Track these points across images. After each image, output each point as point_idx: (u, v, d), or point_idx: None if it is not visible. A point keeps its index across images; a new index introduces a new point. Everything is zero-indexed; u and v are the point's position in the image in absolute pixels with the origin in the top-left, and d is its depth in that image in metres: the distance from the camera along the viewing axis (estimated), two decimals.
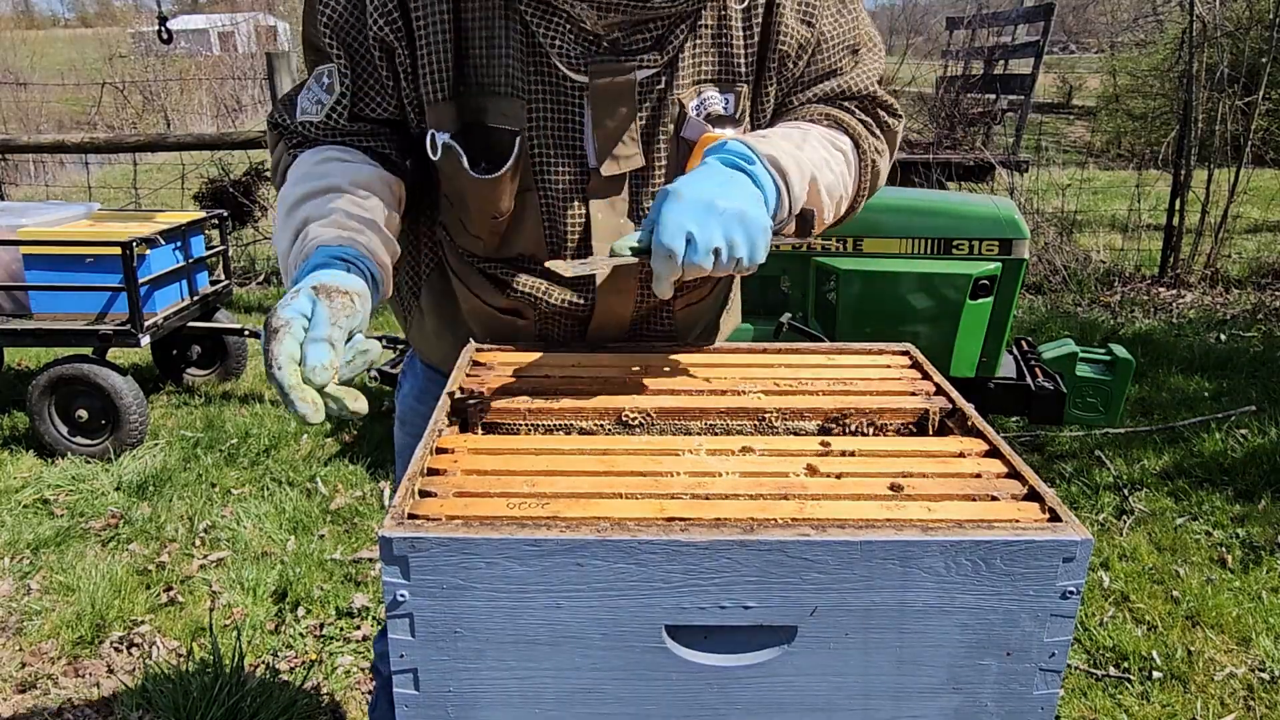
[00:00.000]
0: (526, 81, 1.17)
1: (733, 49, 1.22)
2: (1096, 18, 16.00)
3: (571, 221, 1.25)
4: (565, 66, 1.15)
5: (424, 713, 0.87)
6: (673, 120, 1.22)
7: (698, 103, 1.22)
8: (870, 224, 3.18)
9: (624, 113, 1.19)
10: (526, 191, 1.24)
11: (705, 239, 1.02)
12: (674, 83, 1.20)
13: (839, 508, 0.87)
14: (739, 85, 1.24)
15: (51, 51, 19.52)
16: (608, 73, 1.15)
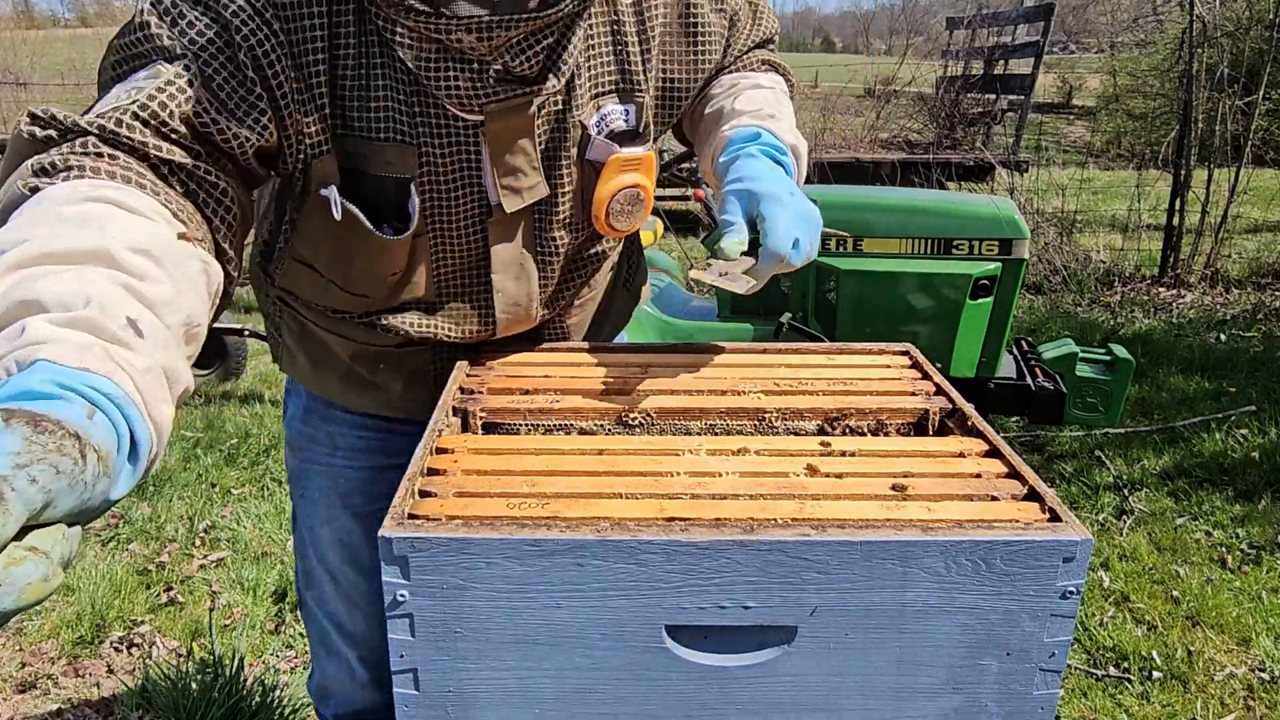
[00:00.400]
0: (413, 126, 1.07)
1: (629, 56, 1.17)
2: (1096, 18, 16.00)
3: (467, 260, 1.19)
4: (457, 108, 1.06)
5: (424, 713, 0.87)
6: (575, 143, 1.16)
7: (598, 119, 1.17)
8: (870, 224, 3.18)
9: (523, 145, 1.11)
10: (417, 237, 1.14)
11: (807, 243, 1.08)
12: (572, 103, 1.13)
13: (839, 508, 0.87)
14: (638, 94, 1.19)
15: (51, 51, 19.52)
16: (502, 108, 1.06)
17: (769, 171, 1.11)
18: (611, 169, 1.17)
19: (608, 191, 1.17)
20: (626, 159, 1.17)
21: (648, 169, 1.20)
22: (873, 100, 11.48)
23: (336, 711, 1.51)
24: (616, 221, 1.19)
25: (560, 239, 1.22)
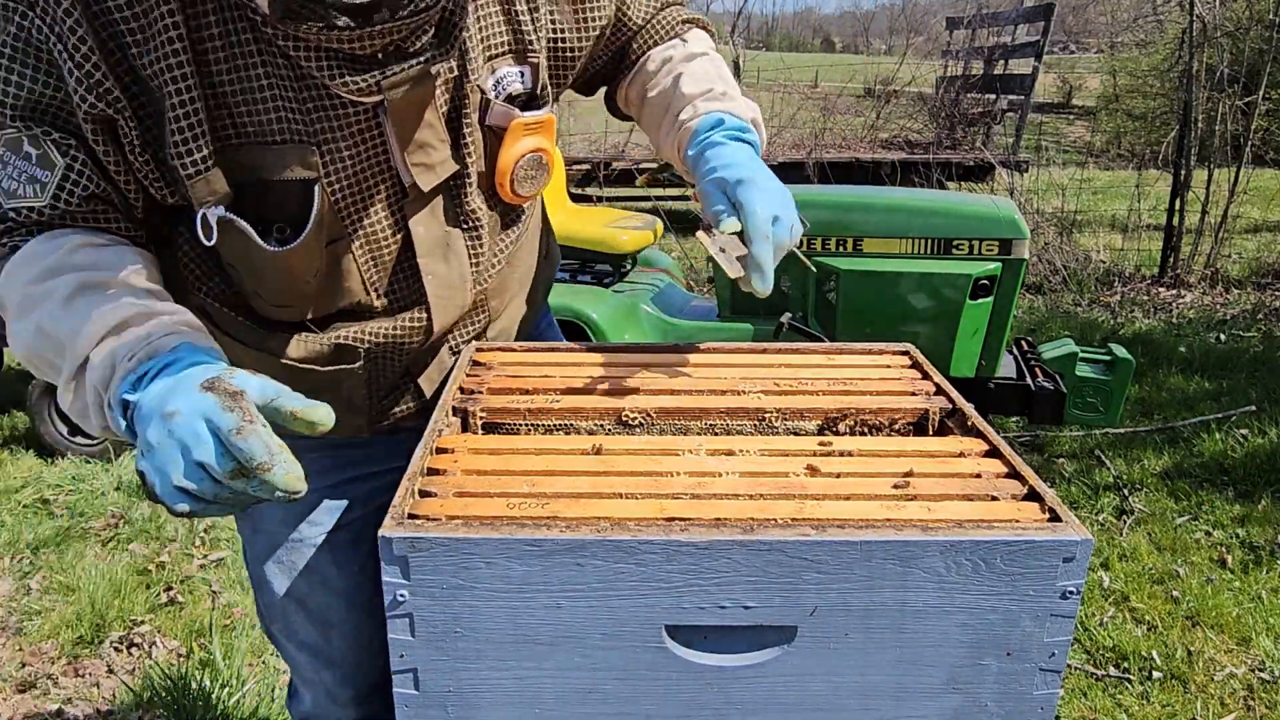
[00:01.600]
0: (309, 123, 1.02)
1: (518, 16, 1.15)
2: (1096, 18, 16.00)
3: (394, 249, 1.15)
4: (349, 92, 0.99)
5: (424, 713, 0.87)
6: (474, 109, 1.13)
7: (494, 83, 1.14)
8: (870, 224, 3.18)
9: (428, 118, 1.08)
10: (336, 241, 1.09)
11: (788, 219, 1.10)
12: (467, 68, 1.10)
13: (839, 508, 0.87)
14: (531, 55, 1.17)
15: None
16: (401, 84, 1.01)
17: (738, 155, 1.13)
18: (514, 134, 1.16)
19: (511, 157, 1.17)
20: (528, 122, 1.17)
21: (548, 131, 1.20)
22: (873, 100, 11.48)
23: None
24: (521, 187, 1.20)
25: (479, 210, 1.19)
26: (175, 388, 0.83)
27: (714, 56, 1.32)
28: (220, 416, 0.79)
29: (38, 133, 0.96)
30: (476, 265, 1.22)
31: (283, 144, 1.01)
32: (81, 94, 0.94)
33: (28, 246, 0.99)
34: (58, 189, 0.98)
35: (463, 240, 1.19)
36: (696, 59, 1.29)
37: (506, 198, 1.20)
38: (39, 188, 0.98)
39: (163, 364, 0.88)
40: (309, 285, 1.11)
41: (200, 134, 0.97)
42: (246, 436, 0.78)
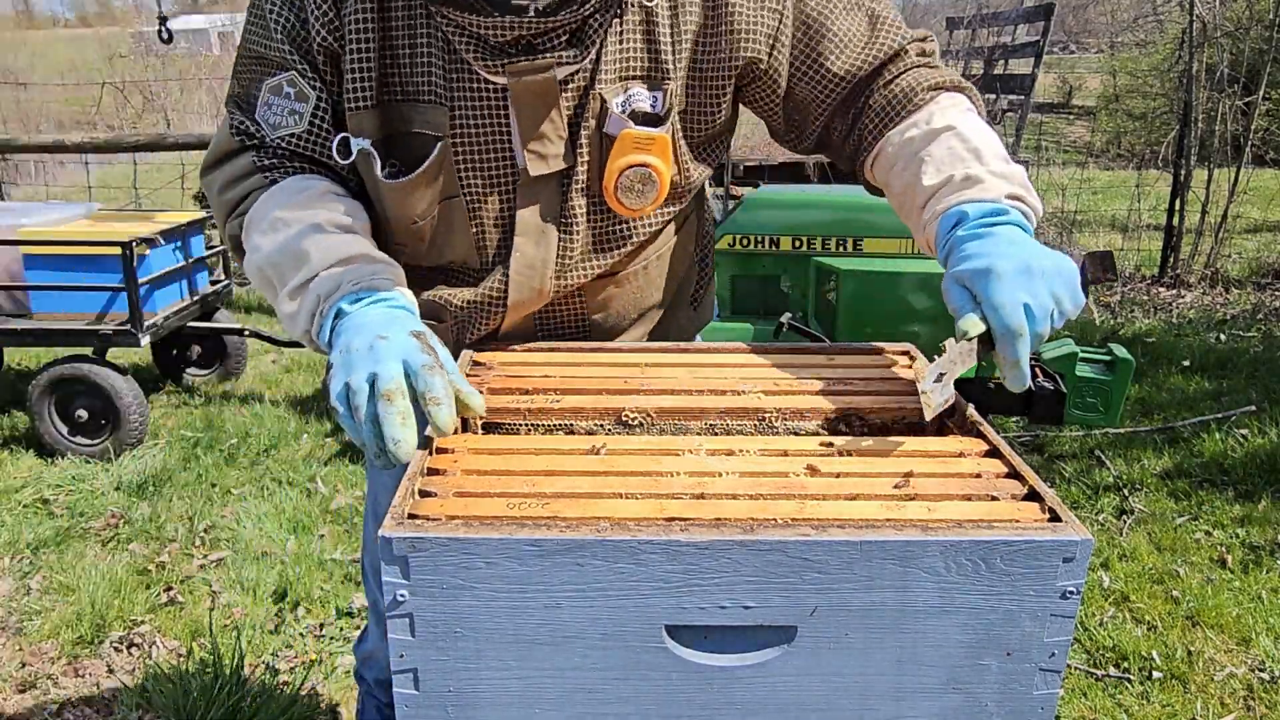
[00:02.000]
0: (449, 88, 1.17)
1: (659, 45, 1.21)
2: (1096, 18, 16.00)
3: (497, 223, 1.25)
4: (484, 70, 1.15)
5: (424, 713, 0.87)
6: (594, 116, 1.21)
7: (623, 99, 1.22)
8: (870, 224, 3.18)
9: (546, 110, 1.18)
10: (451, 198, 1.23)
11: (1041, 305, 1.01)
12: (597, 78, 1.19)
13: (839, 507, 0.87)
14: (666, 82, 1.23)
15: (51, 51, 19.52)
16: (525, 72, 1.15)
17: (983, 246, 1.06)
18: (623, 144, 1.21)
19: (618, 166, 1.22)
20: (638, 136, 1.21)
21: (661, 150, 1.23)
22: None
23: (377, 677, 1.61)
24: (624, 197, 1.24)
25: (579, 210, 1.26)
26: (392, 321, 1.04)
27: (961, 128, 1.19)
28: (417, 356, 0.98)
29: (294, 73, 1.18)
30: (561, 259, 1.28)
31: (426, 103, 1.18)
32: (318, 28, 1.15)
33: (285, 182, 1.20)
34: (312, 117, 1.19)
35: (556, 233, 1.27)
36: (940, 137, 1.19)
37: (611, 204, 1.26)
38: (298, 118, 1.19)
39: (377, 297, 1.10)
40: (419, 228, 1.25)
41: (369, 80, 1.16)
42: (434, 374, 0.97)
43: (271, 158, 1.22)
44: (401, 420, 0.94)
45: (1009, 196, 1.13)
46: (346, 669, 2.55)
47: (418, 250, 1.29)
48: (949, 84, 1.26)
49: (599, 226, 1.29)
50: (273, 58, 1.19)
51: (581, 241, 1.28)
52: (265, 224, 1.17)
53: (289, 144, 1.21)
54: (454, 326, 1.33)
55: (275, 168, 1.21)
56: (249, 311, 6.12)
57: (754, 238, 3.28)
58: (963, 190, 1.14)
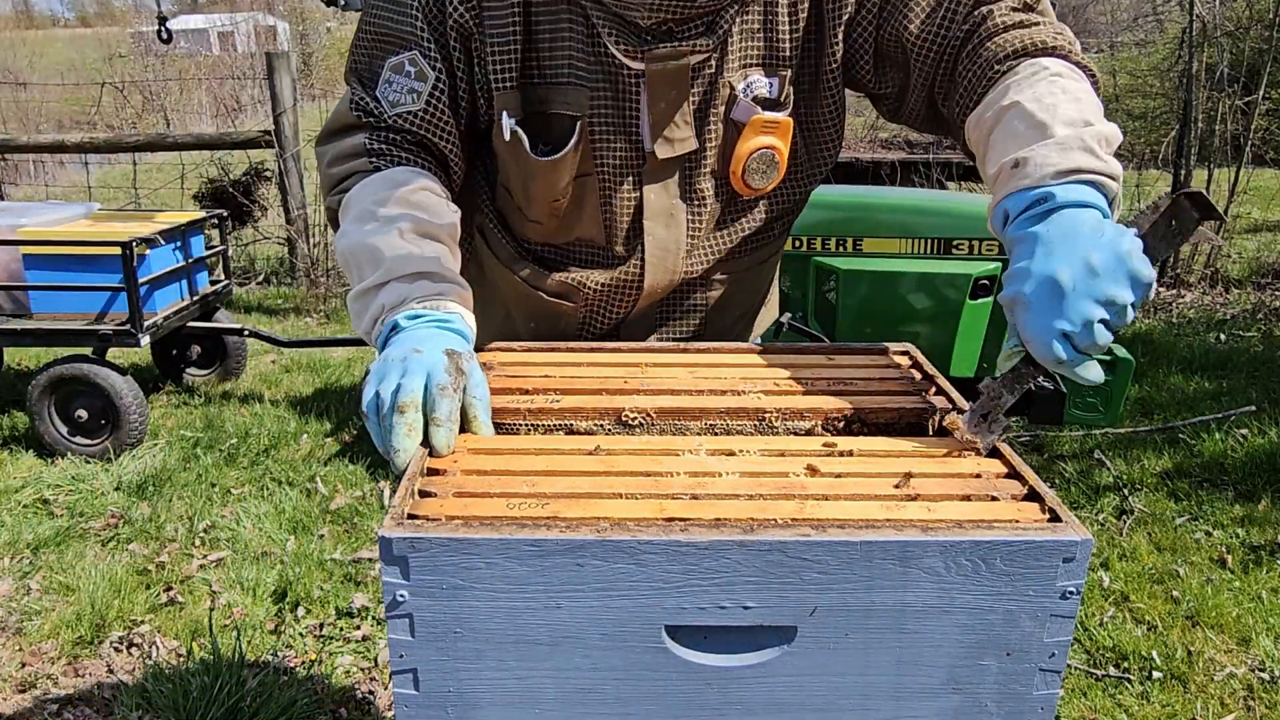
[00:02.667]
0: (589, 69, 1.22)
1: (777, 34, 1.26)
2: (1096, 18, 15.99)
3: (626, 204, 1.30)
4: (622, 55, 1.19)
5: (424, 713, 0.87)
6: (723, 102, 1.26)
7: (744, 85, 1.26)
8: (870, 224, 3.18)
9: (677, 96, 1.23)
10: (585, 176, 1.28)
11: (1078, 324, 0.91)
12: (724, 66, 1.24)
13: (839, 508, 0.87)
14: (783, 70, 1.28)
15: (51, 51, 19.51)
16: (662, 59, 1.19)
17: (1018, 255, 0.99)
18: (752, 129, 1.26)
19: (746, 149, 1.27)
20: (766, 120, 1.26)
21: (784, 133, 1.28)
22: None
23: None
24: (751, 179, 1.30)
25: (706, 192, 1.32)
26: (433, 338, 1.07)
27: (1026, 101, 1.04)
28: (438, 374, 0.99)
29: (417, 51, 1.21)
30: (692, 239, 1.34)
31: (566, 84, 1.23)
32: (456, 4, 1.18)
33: (387, 172, 1.22)
34: (430, 96, 1.23)
35: (685, 214, 1.32)
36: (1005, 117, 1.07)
37: (738, 186, 1.31)
38: (416, 96, 1.22)
39: (434, 318, 1.12)
40: (559, 204, 1.29)
41: (514, 61, 1.21)
42: (444, 396, 0.98)
43: (381, 142, 1.25)
44: (407, 431, 0.97)
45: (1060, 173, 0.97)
46: (346, 669, 2.55)
47: (550, 227, 1.33)
48: (1032, 47, 1.11)
49: (724, 208, 1.35)
50: (400, 33, 1.22)
51: (708, 223, 1.34)
52: (358, 211, 1.20)
53: (405, 121, 1.24)
54: (583, 309, 1.38)
55: (382, 154, 1.24)
56: (249, 311, 6.12)
57: None
58: (1009, 181, 1.02)
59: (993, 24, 1.16)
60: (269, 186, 6.80)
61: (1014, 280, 0.97)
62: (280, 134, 5.98)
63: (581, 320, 1.40)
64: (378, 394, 1.00)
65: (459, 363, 1.02)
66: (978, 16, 1.17)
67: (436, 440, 0.98)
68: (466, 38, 1.21)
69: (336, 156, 1.27)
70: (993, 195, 1.07)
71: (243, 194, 6.64)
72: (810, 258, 3.22)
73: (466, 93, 1.25)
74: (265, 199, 6.83)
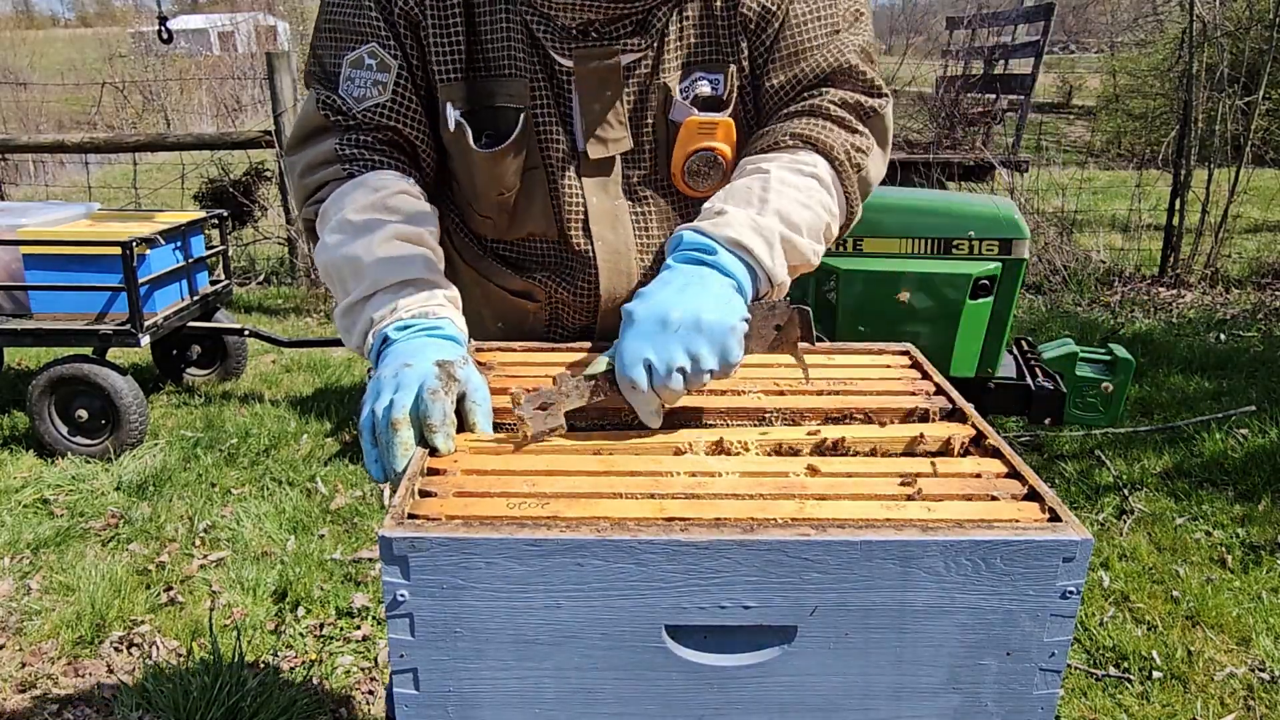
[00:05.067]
0: (529, 62, 1.22)
1: (718, 30, 1.24)
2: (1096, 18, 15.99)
3: (572, 203, 1.28)
4: (553, 52, 1.20)
5: (424, 713, 0.87)
6: (659, 104, 1.25)
7: (686, 85, 1.25)
8: (870, 224, 3.18)
9: (609, 96, 1.22)
10: (533, 169, 1.27)
11: (664, 362, 0.99)
12: (660, 66, 1.23)
13: (839, 507, 0.87)
14: (728, 65, 1.26)
15: (51, 51, 19.51)
16: (592, 57, 1.19)
17: (659, 284, 1.07)
18: (689, 130, 1.25)
19: (685, 151, 1.26)
20: (703, 122, 1.25)
21: (725, 134, 1.26)
22: None
23: None
24: (693, 181, 1.28)
25: (649, 193, 1.30)
26: (423, 349, 1.06)
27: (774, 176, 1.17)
28: (431, 381, 0.99)
29: (375, 44, 1.21)
30: (642, 238, 1.31)
31: (508, 76, 1.23)
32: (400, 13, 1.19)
33: (361, 178, 1.21)
34: (395, 85, 1.22)
35: (628, 213, 1.30)
36: (751, 175, 1.19)
37: (680, 187, 1.30)
38: (381, 88, 1.22)
39: (423, 326, 1.11)
40: (505, 198, 1.28)
41: (458, 51, 1.21)
42: (435, 401, 0.97)
43: (353, 146, 1.23)
44: (402, 451, 0.97)
45: (733, 241, 1.10)
46: (346, 669, 2.55)
47: (501, 223, 1.32)
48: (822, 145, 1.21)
49: (672, 209, 1.33)
50: (355, 26, 1.22)
51: (658, 223, 1.32)
52: (335, 223, 1.19)
53: (375, 114, 1.22)
54: (547, 309, 1.35)
55: (354, 159, 1.23)
56: (249, 311, 6.12)
57: None
58: (703, 220, 1.15)
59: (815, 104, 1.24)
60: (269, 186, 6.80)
61: (639, 299, 1.06)
62: (280, 134, 5.98)
63: (547, 321, 1.37)
64: (373, 412, 1.00)
65: (450, 370, 1.02)
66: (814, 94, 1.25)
67: (436, 444, 0.98)
68: (415, 26, 1.21)
69: (308, 165, 1.26)
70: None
71: (243, 194, 6.64)
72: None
73: (424, 80, 1.24)
74: (265, 199, 6.83)
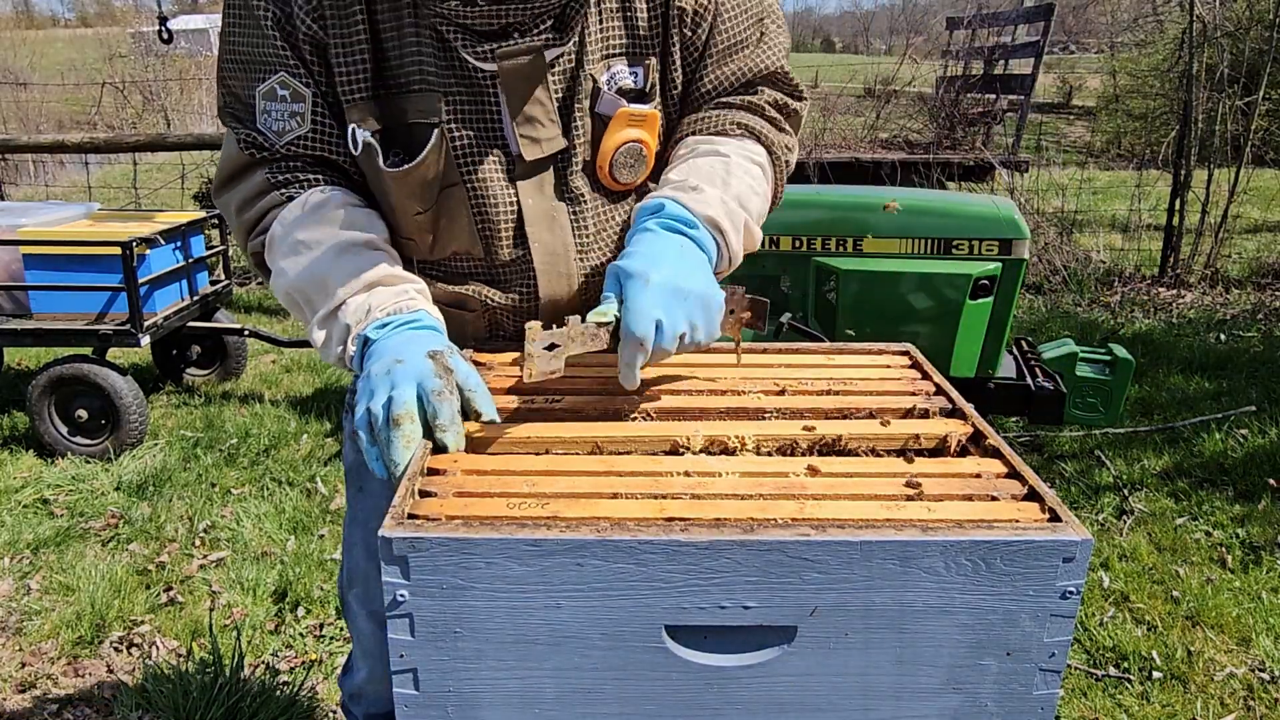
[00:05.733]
0: (440, 76, 1.18)
1: (637, 21, 1.23)
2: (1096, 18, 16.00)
3: (503, 211, 1.25)
4: (472, 58, 1.16)
5: (424, 713, 0.87)
6: (587, 96, 1.23)
7: (608, 77, 1.24)
8: (870, 224, 3.18)
9: (539, 95, 1.20)
10: (452, 186, 1.24)
11: (672, 325, 1.05)
12: (584, 59, 1.21)
13: (839, 508, 0.87)
14: (647, 58, 1.25)
15: (51, 51, 19.50)
16: (514, 56, 1.16)
17: (655, 245, 1.11)
18: (618, 122, 1.24)
19: (612, 144, 1.25)
20: (633, 114, 1.25)
21: (651, 126, 1.27)
22: (873, 100, 11.47)
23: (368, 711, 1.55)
24: (619, 174, 1.28)
25: (582, 189, 1.28)
26: (410, 343, 1.05)
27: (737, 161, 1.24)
28: (430, 380, 1.00)
29: (284, 73, 1.17)
30: (580, 238, 1.30)
31: (418, 92, 1.19)
32: (302, 17, 1.14)
33: (301, 197, 1.19)
34: (313, 114, 1.19)
35: (566, 214, 1.28)
36: (710, 157, 1.24)
37: (606, 182, 1.29)
38: (299, 119, 1.19)
39: (401, 320, 1.11)
40: (422, 219, 1.25)
41: (363, 71, 1.17)
42: (442, 402, 0.99)
43: (285, 172, 1.21)
44: (404, 444, 0.98)
45: (711, 221, 1.17)
46: None
47: (423, 243, 1.29)
48: (765, 139, 1.29)
49: (603, 204, 1.31)
50: (261, 56, 1.18)
51: (593, 219, 1.30)
52: (286, 246, 1.17)
53: (298, 146, 1.20)
54: (485, 317, 1.34)
55: (289, 183, 1.21)
56: (249, 311, 6.12)
57: None
58: (681, 193, 1.18)
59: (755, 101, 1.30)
60: None
61: (642, 259, 1.08)
62: None
63: (486, 329, 1.35)
64: (369, 410, 1.00)
65: (444, 361, 1.02)
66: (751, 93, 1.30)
67: (449, 443, 0.99)
68: (321, 49, 1.17)
69: (243, 201, 1.23)
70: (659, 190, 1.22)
71: None
72: (810, 258, 3.22)
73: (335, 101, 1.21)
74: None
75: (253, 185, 1.22)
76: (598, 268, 1.32)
